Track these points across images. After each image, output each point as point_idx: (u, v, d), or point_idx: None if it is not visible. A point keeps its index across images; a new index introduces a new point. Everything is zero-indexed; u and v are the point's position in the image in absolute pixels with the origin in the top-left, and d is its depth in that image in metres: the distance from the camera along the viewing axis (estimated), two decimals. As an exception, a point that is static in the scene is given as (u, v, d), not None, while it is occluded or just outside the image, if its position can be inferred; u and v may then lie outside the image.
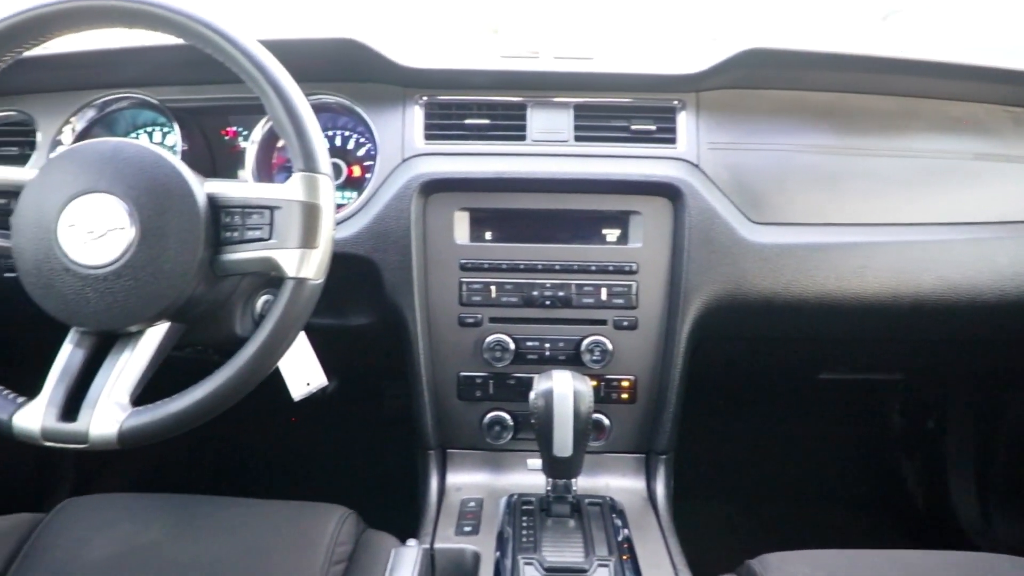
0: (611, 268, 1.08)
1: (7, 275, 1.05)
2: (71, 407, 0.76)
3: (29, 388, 0.78)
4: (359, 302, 1.14)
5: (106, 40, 1.12)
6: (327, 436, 1.80)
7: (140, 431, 0.74)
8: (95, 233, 0.75)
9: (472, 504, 1.07)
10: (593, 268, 1.09)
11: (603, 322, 1.10)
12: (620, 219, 1.09)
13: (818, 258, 1.08)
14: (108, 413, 0.74)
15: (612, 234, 1.10)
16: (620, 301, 1.09)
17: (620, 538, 0.95)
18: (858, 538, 1.01)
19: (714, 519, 1.69)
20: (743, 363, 1.44)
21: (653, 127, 1.11)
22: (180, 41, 0.79)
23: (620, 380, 1.12)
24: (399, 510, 1.11)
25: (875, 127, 1.14)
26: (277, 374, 0.96)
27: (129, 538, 0.90)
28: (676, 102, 1.12)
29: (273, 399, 0.98)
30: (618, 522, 0.99)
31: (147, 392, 0.79)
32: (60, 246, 0.75)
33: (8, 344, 0.99)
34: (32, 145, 1.13)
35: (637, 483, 1.14)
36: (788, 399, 1.78)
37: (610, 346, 1.09)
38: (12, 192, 0.79)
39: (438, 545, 0.97)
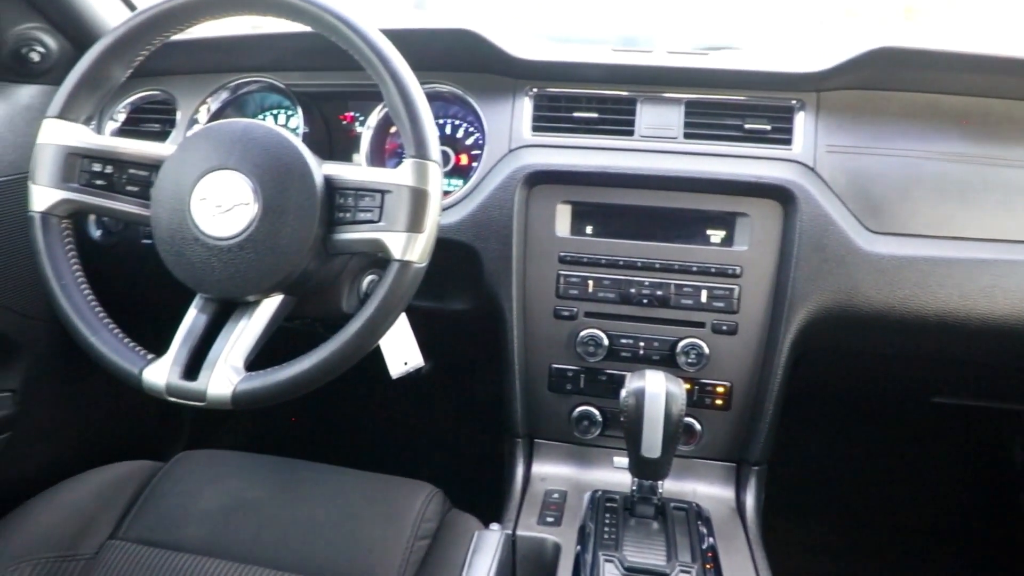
0: (713, 270, 1.06)
1: (144, 242, 1.15)
2: (192, 367, 0.81)
3: (156, 347, 0.85)
4: (459, 288, 1.16)
5: (241, 27, 1.20)
6: (419, 415, 1.85)
7: (251, 394, 0.79)
8: (223, 207, 0.80)
9: (556, 495, 1.07)
10: (694, 269, 1.06)
11: (701, 325, 1.07)
12: (726, 220, 1.06)
13: (941, 273, 1.00)
14: (224, 375, 0.79)
15: (716, 235, 1.07)
16: (721, 304, 1.06)
17: (704, 546, 0.93)
18: (960, 572, 0.94)
19: (805, 538, 1.61)
20: (849, 378, 1.37)
21: (768, 127, 1.07)
22: (308, 29, 0.83)
23: (715, 385, 1.09)
24: (482, 494, 1.13)
25: (1016, 135, 1.05)
26: (378, 352, 1.00)
27: (236, 493, 0.96)
28: (794, 101, 1.07)
29: (373, 376, 1.02)
30: (703, 529, 0.96)
31: (259, 359, 0.83)
32: (192, 218, 0.81)
33: (141, 305, 1.08)
34: (172, 123, 1.22)
35: (726, 492, 1.11)
36: (896, 421, 1.68)
37: (707, 350, 1.07)
38: (154, 166, 0.85)
39: (520, 532, 0.98)
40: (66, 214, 0.87)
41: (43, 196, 0.86)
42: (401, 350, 1.00)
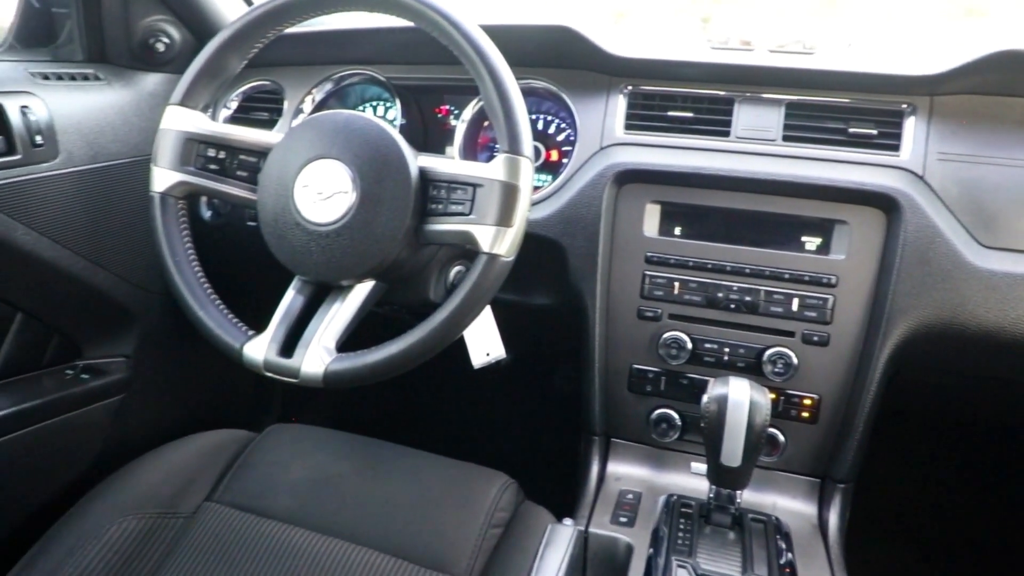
0: (807, 278, 1.02)
1: (250, 224, 1.22)
2: (288, 345, 0.85)
3: (255, 324, 0.89)
4: (544, 283, 1.16)
5: (345, 22, 1.24)
6: (498, 407, 1.87)
7: (340, 375, 0.82)
8: (323, 194, 0.83)
9: (630, 496, 1.07)
10: (786, 276, 1.03)
11: (790, 334, 1.04)
12: (823, 227, 1.02)
13: None
14: (317, 355, 0.83)
15: (812, 242, 1.03)
16: (813, 314, 1.02)
17: (782, 561, 0.90)
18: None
19: (887, 564, 1.54)
20: (950, 400, 1.29)
21: (874, 131, 1.02)
22: (409, 24, 0.86)
23: (802, 397, 1.06)
24: (555, 488, 1.13)
25: None
26: (461, 341, 1.02)
27: (321, 467, 1.01)
28: (905, 106, 1.02)
29: (455, 365, 1.04)
30: (782, 544, 0.94)
31: (348, 343, 0.86)
32: (294, 203, 0.84)
33: (244, 284, 1.14)
34: (280, 111, 1.27)
35: (807, 508, 1.07)
36: (1000, 448, 1.57)
37: (795, 360, 1.03)
38: (262, 152, 0.90)
39: (593, 529, 0.98)
40: (182, 195, 0.93)
41: (163, 177, 0.92)
42: (484, 341, 1.02)
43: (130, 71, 1.24)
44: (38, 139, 1.02)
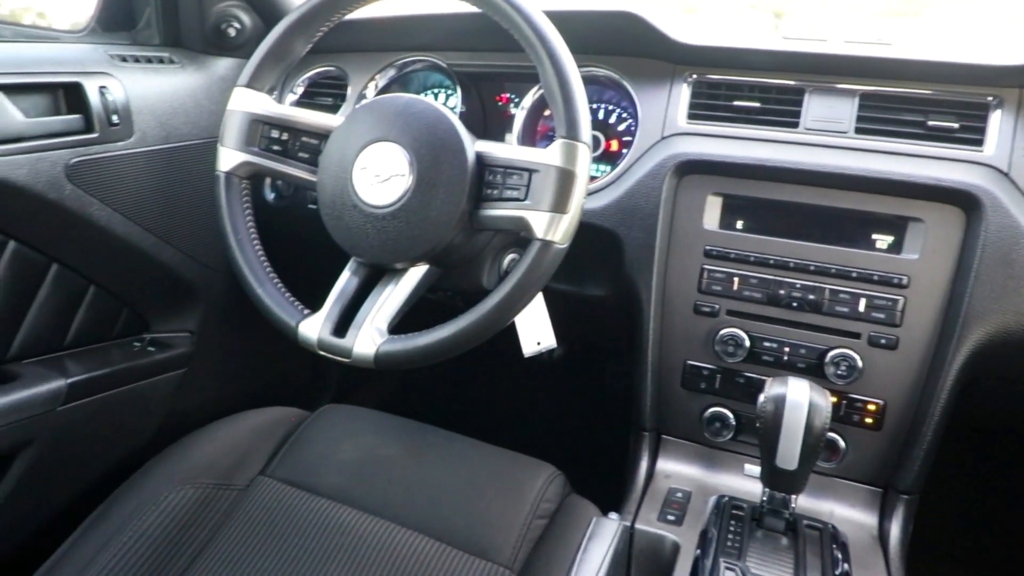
0: (876, 278, 0.97)
1: (310, 207, 1.24)
2: (342, 325, 0.86)
3: (311, 304, 0.91)
4: (598, 273, 1.15)
5: (409, 8, 1.25)
6: (548, 397, 1.87)
7: (391, 356, 0.83)
8: (381, 177, 0.84)
9: (679, 495, 1.04)
10: (854, 275, 0.98)
11: (856, 335, 0.99)
12: (896, 225, 0.97)
13: None
14: (369, 336, 0.84)
15: (883, 240, 0.98)
16: (881, 316, 0.98)
17: (838, 571, 0.86)
18: None
19: None
20: None
21: (955, 124, 0.96)
22: (471, 10, 0.85)
23: (866, 402, 1.01)
24: (602, 483, 1.12)
25: None
26: (513, 329, 1.01)
27: (371, 448, 1.02)
28: (991, 98, 0.96)
29: (506, 353, 1.04)
30: (838, 554, 0.90)
31: (400, 327, 0.87)
32: (352, 185, 0.85)
33: (301, 265, 1.17)
34: (343, 97, 1.29)
35: (867, 518, 1.02)
36: None
37: (860, 363, 0.99)
38: (323, 135, 0.91)
39: (639, 526, 0.97)
40: (246, 175, 0.95)
41: (228, 157, 0.94)
42: (535, 329, 1.01)
43: (203, 55, 1.28)
44: (115, 118, 1.07)
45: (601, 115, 1.20)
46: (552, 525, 0.92)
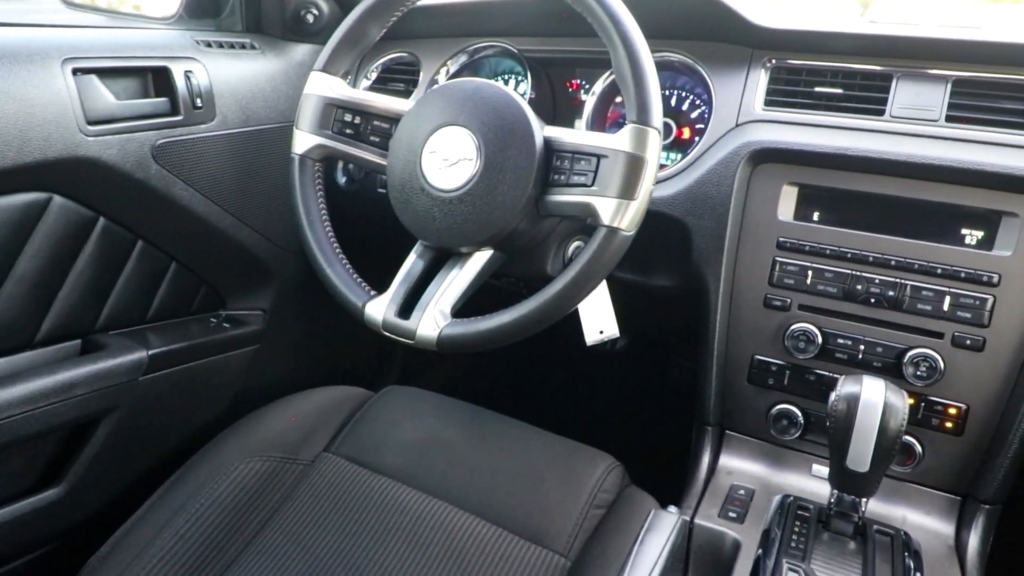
0: (963, 275, 0.92)
1: (380, 191, 1.26)
2: (407, 307, 0.87)
3: (378, 286, 0.92)
4: (665, 263, 1.13)
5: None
6: (610, 388, 1.85)
7: (454, 339, 0.83)
8: (449, 161, 0.84)
9: (742, 492, 1.02)
10: (939, 272, 0.93)
11: (939, 335, 0.94)
12: (988, 219, 0.91)
13: None
14: (433, 318, 0.84)
15: (973, 236, 0.92)
16: (967, 315, 0.92)
17: None
18: None
19: None
20: None
21: None
22: None
23: (947, 406, 0.96)
24: (662, 476, 1.10)
25: None
26: (576, 318, 1.01)
27: (432, 430, 1.04)
28: None
29: (570, 342, 1.03)
30: (910, 563, 0.85)
31: (466, 310, 0.87)
32: (421, 169, 0.86)
33: (370, 248, 1.19)
34: (415, 82, 1.31)
35: (943, 527, 0.97)
36: None
37: (942, 364, 0.93)
38: (394, 119, 0.92)
39: (699, 521, 0.95)
40: (319, 158, 0.97)
41: (303, 140, 0.97)
42: (598, 318, 1.00)
43: (282, 42, 1.32)
44: (198, 102, 1.11)
45: (673, 102, 1.18)
46: (609, 515, 0.92)
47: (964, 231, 0.93)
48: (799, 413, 1.04)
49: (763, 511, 0.96)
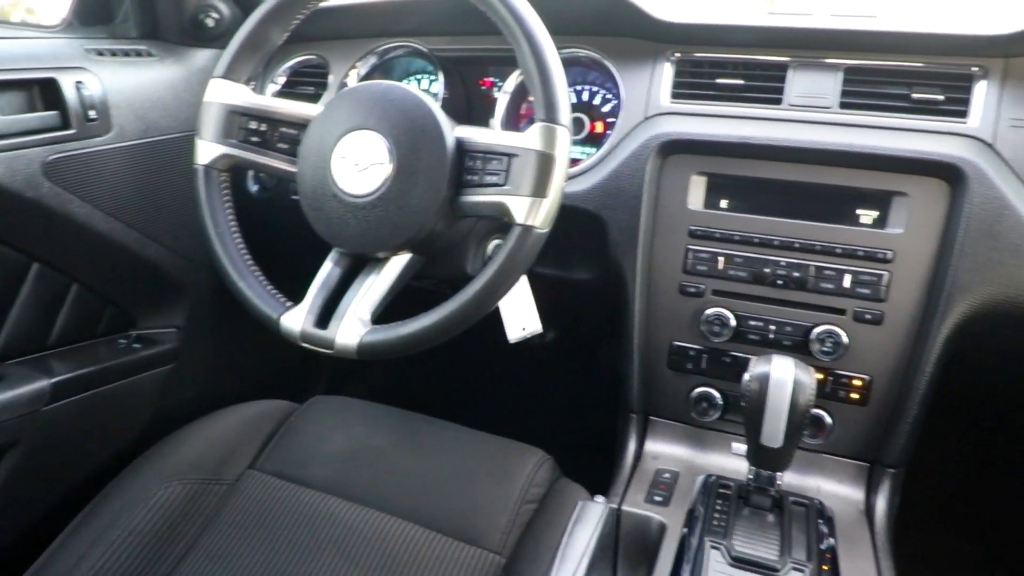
0: (861, 253, 0.97)
1: (293, 198, 1.23)
2: (325, 316, 0.85)
3: (296, 296, 0.90)
4: (583, 257, 1.14)
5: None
6: (539, 383, 1.87)
7: (375, 346, 0.82)
8: (360, 166, 0.83)
9: (667, 475, 1.05)
10: (839, 251, 0.98)
11: (841, 311, 0.99)
12: (880, 199, 0.97)
13: None
14: (352, 326, 0.83)
15: (868, 216, 0.97)
16: (866, 291, 0.97)
17: (823, 546, 0.87)
18: None
19: (939, 552, 1.47)
20: (1010, 383, 1.21)
21: (940, 97, 0.95)
22: None
23: (852, 378, 1.01)
24: (594, 466, 1.12)
25: None
26: (500, 316, 1.01)
27: (360, 439, 1.02)
28: (976, 68, 0.95)
29: (496, 340, 1.03)
30: (824, 529, 0.90)
31: (390, 316, 0.86)
32: (332, 175, 0.84)
33: (285, 257, 1.16)
34: (325, 86, 1.28)
35: (854, 493, 1.03)
36: None
37: (846, 339, 0.98)
38: (302, 125, 0.90)
39: (626, 508, 0.97)
40: (225, 167, 0.94)
41: (206, 150, 0.93)
42: (520, 315, 1.01)
43: (181, 47, 1.26)
44: (92, 114, 1.05)
45: (585, 97, 1.19)
46: (541, 510, 0.93)
47: (860, 212, 0.98)
48: (718, 395, 1.08)
49: (688, 492, 0.99)
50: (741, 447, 0.99)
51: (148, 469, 0.96)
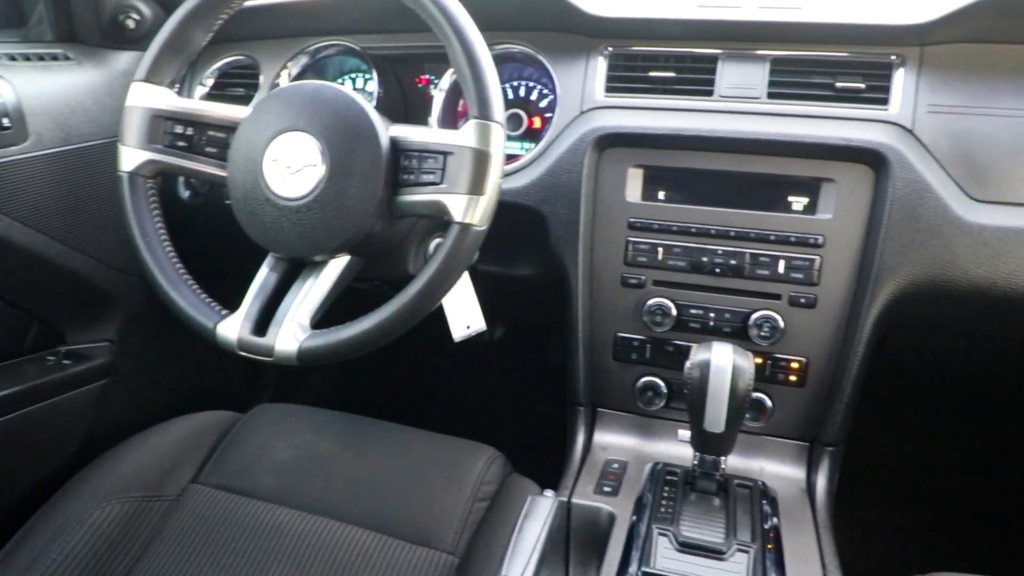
0: (793, 239, 1.00)
1: (228, 202, 1.20)
2: (262, 323, 0.84)
3: (230, 304, 0.88)
4: (526, 253, 1.14)
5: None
6: (489, 380, 1.87)
7: (315, 352, 0.81)
8: (292, 168, 0.82)
9: (616, 466, 1.06)
10: (772, 238, 1.00)
11: (777, 297, 1.02)
12: (810, 186, 1.00)
13: None
14: (291, 332, 0.82)
15: (799, 202, 1.00)
16: (799, 276, 1.00)
17: (767, 526, 0.89)
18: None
19: (878, 524, 1.53)
20: (940, 360, 1.27)
21: (862, 85, 0.99)
22: None
23: (789, 361, 1.04)
24: (546, 460, 1.13)
25: None
26: (445, 315, 1.00)
27: (307, 446, 1.00)
28: (894, 57, 0.99)
29: (445, 340, 1.03)
30: (767, 509, 0.93)
31: (333, 318, 0.85)
32: (264, 178, 0.83)
33: (222, 264, 1.13)
34: (256, 87, 1.25)
35: (796, 472, 1.06)
36: (992, 406, 1.56)
37: (782, 323, 1.01)
38: (231, 128, 0.88)
39: (575, 500, 0.98)
40: (151, 174, 0.91)
41: (130, 156, 0.90)
42: (464, 313, 1.00)
43: (101, 50, 1.22)
44: (5, 122, 1.01)
45: (522, 92, 1.19)
46: (493, 507, 0.93)
47: (791, 199, 1.01)
48: (662, 384, 1.09)
49: (636, 481, 1.01)
50: (687, 434, 1.01)
51: (84, 489, 0.92)
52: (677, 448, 1.09)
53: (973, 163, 0.94)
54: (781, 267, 1.00)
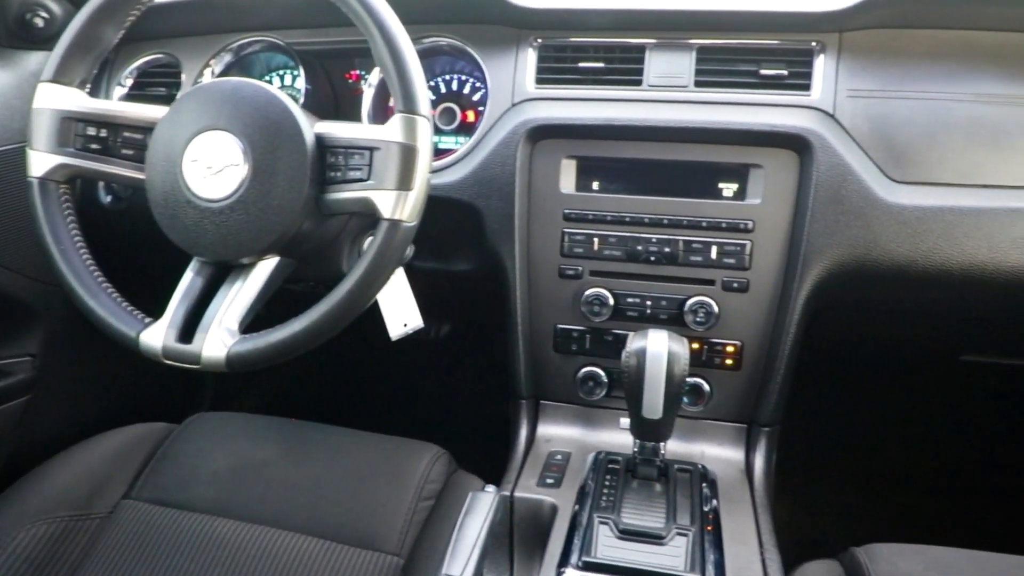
0: (724, 225, 1.01)
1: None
2: (188, 330, 0.81)
3: (153, 311, 0.85)
4: (462, 248, 1.14)
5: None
6: (432, 378, 1.86)
7: (245, 357, 0.79)
8: (213, 168, 0.79)
9: (559, 457, 1.06)
10: (704, 224, 1.02)
11: (711, 282, 1.04)
12: (738, 173, 1.01)
13: (969, 224, 0.95)
14: (218, 338, 0.79)
15: (728, 188, 1.02)
16: (731, 261, 1.02)
17: (707, 508, 0.91)
18: (987, 538, 0.91)
19: (816, 501, 1.58)
20: (869, 336, 1.31)
21: (785, 72, 1.01)
22: None
23: (725, 345, 1.06)
24: (492, 455, 1.13)
25: None
26: (382, 314, 0.99)
27: (244, 454, 0.98)
28: (814, 44, 1.01)
29: (386, 339, 1.01)
30: (707, 492, 0.94)
31: (266, 321, 0.83)
32: (184, 179, 0.80)
33: (148, 270, 1.09)
34: (178, 86, 1.21)
35: (735, 454, 1.08)
36: (921, 379, 1.62)
37: (716, 308, 1.03)
38: (148, 128, 0.84)
39: (518, 493, 0.97)
40: (63, 179, 0.87)
41: (40, 161, 0.86)
42: (400, 311, 0.99)
43: (9, 50, 1.16)
44: (-97, 128, 0.95)
45: (455, 86, 1.18)
46: (438, 505, 0.92)
47: (721, 185, 1.03)
48: (602, 373, 1.10)
49: (579, 471, 1.01)
50: (627, 421, 1.02)
51: (6, 511, 0.88)
52: (620, 436, 1.10)
53: (892, 145, 0.97)
54: (714, 253, 1.02)
